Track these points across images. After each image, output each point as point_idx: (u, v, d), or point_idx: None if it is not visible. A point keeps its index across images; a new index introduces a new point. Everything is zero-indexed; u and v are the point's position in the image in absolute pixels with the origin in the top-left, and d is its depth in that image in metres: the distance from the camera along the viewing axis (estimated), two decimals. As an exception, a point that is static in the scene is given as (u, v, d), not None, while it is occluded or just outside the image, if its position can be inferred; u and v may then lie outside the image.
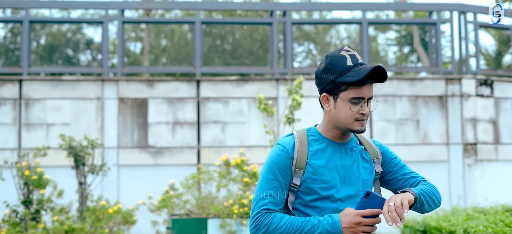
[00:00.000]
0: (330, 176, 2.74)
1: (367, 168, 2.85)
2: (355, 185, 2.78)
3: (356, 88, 2.68)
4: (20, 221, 9.24)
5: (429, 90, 12.98)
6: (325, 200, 2.73)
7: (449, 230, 7.33)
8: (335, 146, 2.79)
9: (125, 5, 13.45)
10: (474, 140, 12.86)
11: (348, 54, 2.72)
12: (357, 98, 2.69)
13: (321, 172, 2.73)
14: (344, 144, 2.81)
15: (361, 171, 2.81)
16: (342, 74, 2.69)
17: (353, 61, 2.70)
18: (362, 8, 13.44)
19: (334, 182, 2.74)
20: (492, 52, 24.82)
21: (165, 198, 9.77)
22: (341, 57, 2.71)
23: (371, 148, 2.90)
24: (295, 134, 2.80)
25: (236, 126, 12.56)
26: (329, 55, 2.75)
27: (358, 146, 2.87)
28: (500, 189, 12.57)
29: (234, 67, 16.39)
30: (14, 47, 18.47)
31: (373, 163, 2.88)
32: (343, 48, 2.75)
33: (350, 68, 2.68)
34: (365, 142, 2.91)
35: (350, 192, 2.77)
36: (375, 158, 2.89)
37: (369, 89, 2.71)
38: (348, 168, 2.78)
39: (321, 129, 2.82)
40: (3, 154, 11.13)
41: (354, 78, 2.64)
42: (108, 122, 12.35)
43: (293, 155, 2.74)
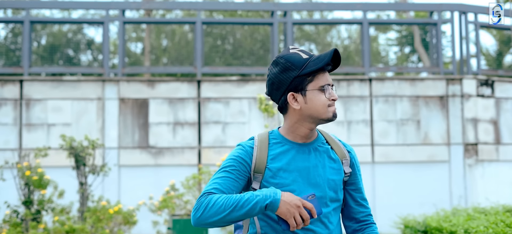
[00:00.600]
0: (291, 179, 2.69)
1: (335, 168, 2.78)
2: (321, 186, 2.72)
3: (320, 76, 2.70)
4: (21, 221, 9.24)
5: (430, 91, 12.97)
6: None
7: (450, 230, 7.32)
8: (297, 148, 2.74)
9: (126, 5, 13.45)
10: (475, 140, 12.85)
11: (297, 51, 2.73)
12: (325, 85, 2.70)
13: (281, 175, 2.68)
14: (307, 144, 2.76)
15: (327, 171, 2.75)
16: (304, 67, 2.68)
17: (306, 54, 2.72)
18: (363, 8, 13.44)
19: (295, 185, 2.68)
20: (493, 52, 24.81)
21: (166, 198, 9.78)
22: (294, 54, 2.72)
23: (339, 148, 2.84)
24: (256, 137, 2.77)
25: (236, 126, 12.56)
26: (282, 56, 2.74)
27: (324, 146, 2.81)
28: (501, 189, 12.56)
29: (235, 68, 16.38)
30: (15, 48, 18.48)
31: (342, 164, 2.81)
32: (289, 48, 2.76)
33: (307, 60, 2.69)
34: (332, 141, 2.86)
35: (317, 193, 2.70)
36: (343, 158, 2.83)
37: (328, 76, 2.74)
38: (312, 168, 2.72)
39: (284, 132, 2.77)
40: (4, 154, 11.14)
41: (319, 65, 2.66)
42: (109, 122, 12.36)
43: (252, 157, 2.70)
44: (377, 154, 12.70)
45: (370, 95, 12.85)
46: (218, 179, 2.65)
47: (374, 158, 12.68)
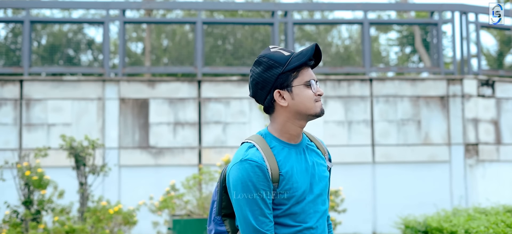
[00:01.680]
0: (301, 181, 2.68)
1: (323, 164, 2.82)
2: (320, 183, 2.75)
3: (305, 71, 2.69)
4: (21, 221, 9.23)
5: (430, 91, 12.96)
6: (299, 204, 2.67)
7: (450, 230, 7.31)
8: (294, 148, 2.73)
9: (126, 5, 13.44)
10: (476, 140, 12.84)
11: (278, 49, 2.72)
12: (309, 81, 2.68)
13: (292, 179, 2.66)
14: (300, 144, 2.76)
15: (321, 169, 2.79)
16: (288, 63, 2.66)
17: (287, 51, 2.70)
18: (363, 9, 13.43)
19: (304, 185, 2.69)
20: (493, 53, 24.79)
21: (166, 199, 9.77)
22: (275, 52, 2.70)
23: (320, 145, 2.88)
24: (257, 146, 2.66)
25: (237, 126, 12.55)
26: (264, 55, 2.71)
27: (310, 144, 2.83)
28: (502, 190, 12.55)
29: (236, 68, 16.37)
30: (15, 48, 18.47)
31: (325, 159, 2.86)
32: (270, 47, 2.74)
33: (289, 57, 2.67)
34: (314, 138, 2.88)
35: (318, 190, 2.73)
36: (324, 154, 2.87)
37: (312, 72, 2.73)
38: (311, 167, 2.74)
39: (276, 133, 2.72)
40: (4, 155, 11.13)
41: (303, 59, 2.65)
42: (109, 122, 12.35)
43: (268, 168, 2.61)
44: (378, 154, 12.68)
45: (370, 96, 12.84)
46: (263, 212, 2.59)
47: (374, 158, 12.66)
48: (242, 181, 2.58)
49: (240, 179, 2.59)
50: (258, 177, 2.58)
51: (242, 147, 2.69)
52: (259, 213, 2.58)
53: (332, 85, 12.70)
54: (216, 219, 2.78)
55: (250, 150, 2.64)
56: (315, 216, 2.70)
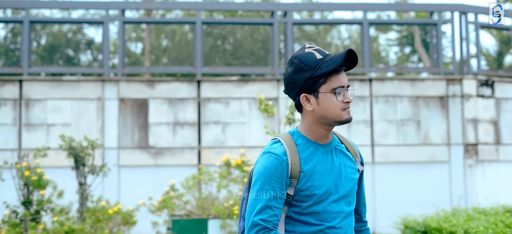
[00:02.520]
0: (323, 180, 2.69)
1: (353, 167, 2.82)
2: (347, 185, 2.75)
3: (334, 77, 2.65)
4: (20, 221, 9.22)
5: (430, 91, 12.96)
6: (322, 203, 2.69)
7: (450, 231, 7.31)
8: (322, 148, 2.74)
9: (126, 5, 13.44)
10: (475, 140, 12.84)
11: (313, 50, 2.69)
12: (339, 88, 2.65)
13: (315, 177, 2.68)
14: (328, 145, 2.77)
15: (349, 171, 2.79)
16: (317, 68, 2.65)
17: (321, 54, 2.67)
18: (363, 9, 13.43)
19: (328, 185, 2.70)
20: (493, 53, 24.79)
21: (165, 199, 9.76)
22: (308, 54, 2.68)
23: (351, 147, 2.87)
24: (282, 141, 2.71)
25: (236, 126, 12.55)
26: (296, 56, 2.70)
27: (340, 145, 2.83)
28: (501, 190, 12.55)
29: (235, 68, 16.37)
30: (14, 48, 18.47)
31: (356, 163, 2.85)
32: (305, 46, 2.72)
33: (321, 61, 2.65)
34: (345, 140, 2.88)
35: (344, 191, 2.74)
36: (356, 157, 2.86)
37: (345, 77, 2.68)
38: (337, 168, 2.74)
39: (304, 132, 2.75)
40: (3, 155, 11.12)
41: (332, 66, 2.62)
42: (109, 122, 12.34)
43: (288, 163, 2.66)
44: (377, 154, 12.68)
45: (370, 96, 12.84)
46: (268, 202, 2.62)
47: (374, 158, 12.66)
48: (261, 171, 2.65)
49: (259, 169, 2.66)
50: (276, 169, 2.64)
51: (270, 142, 2.77)
52: (265, 202, 2.62)
53: (332, 86, 12.68)
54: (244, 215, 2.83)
55: (275, 144, 2.71)
56: (339, 216, 2.71)
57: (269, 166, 2.64)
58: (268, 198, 2.62)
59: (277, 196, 2.63)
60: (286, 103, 9.90)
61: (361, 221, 3.00)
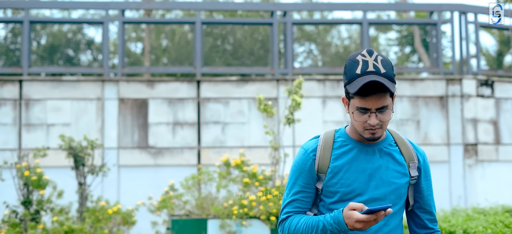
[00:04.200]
0: (352, 178, 2.69)
1: (399, 171, 2.75)
2: (383, 188, 2.70)
3: (360, 98, 2.60)
4: (20, 221, 9.23)
5: (429, 91, 12.96)
6: (346, 202, 2.67)
7: (449, 230, 7.32)
8: (361, 147, 2.73)
9: (126, 5, 13.44)
10: (475, 140, 12.84)
11: (362, 60, 2.62)
12: (362, 109, 2.61)
13: (343, 175, 2.68)
14: (372, 145, 2.74)
15: (390, 174, 2.73)
16: (350, 82, 2.62)
17: (362, 69, 2.60)
18: (363, 9, 13.43)
19: (356, 184, 2.68)
20: (493, 53, 24.80)
21: (165, 199, 9.76)
22: (355, 62, 2.63)
23: (407, 150, 2.80)
24: (321, 137, 2.78)
25: (236, 127, 12.55)
26: (348, 58, 2.68)
27: (391, 147, 2.78)
28: (501, 190, 12.55)
29: (235, 68, 16.37)
30: (14, 48, 18.47)
31: (408, 167, 2.78)
32: (362, 52, 2.65)
33: (356, 77, 2.60)
34: (402, 143, 2.82)
35: (376, 194, 2.69)
36: (410, 161, 2.79)
37: (376, 100, 2.59)
38: (375, 170, 2.71)
39: (349, 130, 2.77)
40: (3, 155, 11.13)
41: (353, 90, 2.58)
42: (108, 122, 12.35)
43: (315, 158, 2.72)
44: (377, 154, 12.67)
45: (369, 96, 12.83)
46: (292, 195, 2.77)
47: (373, 158, 12.65)
48: (292, 165, 2.81)
49: (292, 163, 2.82)
50: (302, 164, 2.76)
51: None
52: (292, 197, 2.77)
53: (331, 85, 12.70)
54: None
55: (313, 139, 2.82)
56: None
57: (297, 161, 2.79)
58: (294, 192, 2.76)
59: (301, 190, 2.75)
60: (286, 104, 9.90)
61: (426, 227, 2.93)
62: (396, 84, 2.65)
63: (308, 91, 12.07)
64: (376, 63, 2.61)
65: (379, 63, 2.60)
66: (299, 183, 2.74)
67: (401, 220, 2.82)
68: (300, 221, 2.69)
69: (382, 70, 2.60)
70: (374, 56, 2.62)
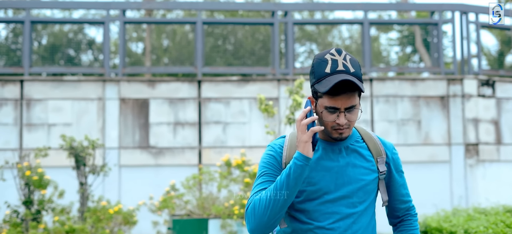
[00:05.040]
0: (318, 177, 2.67)
1: (367, 167, 2.74)
2: (350, 185, 2.69)
3: (329, 98, 2.58)
4: (21, 221, 9.24)
5: (430, 91, 12.96)
6: (313, 202, 2.67)
7: (450, 230, 7.32)
8: (327, 146, 2.71)
9: (127, 5, 13.44)
10: (476, 140, 12.84)
11: (331, 59, 2.60)
12: (331, 108, 2.59)
13: (309, 174, 2.66)
14: (338, 143, 2.72)
15: (358, 171, 2.71)
16: (319, 81, 2.60)
17: (332, 68, 2.58)
18: (364, 8, 13.43)
19: (322, 183, 2.66)
20: (494, 53, 24.78)
21: (166, 199, 9.77)
22: (324, 61, 2.61)
23: (375, 146, 2.79)
24: (287, 136, 2.75)
25: (237, 126, 12.55)
26: (316, 56, 2.66)
27: (358, 144, 2.77)
28: (502, 190, 12.55)
29: (236, 68, 16.37)
30: (15, 48, 18.48)
31: (376, 162, 2.77)
32: (330, 50, 2.64)
33: (326, 76, 2.58)
34: (368, 139, 2.80)
35: (343, 192, 2.68)
36: (378, 157, 2.78)
37: (346, 100, 2.59)
38: (342, 168, 2.69)
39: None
40: (4, 155, 11.14)
41: (322, 89, 2.55)
42: (109, 122, 12.35)
43: (282, 156, 2.70)
44: (378, 154, 12.67)
45: (371, 96, 12.84)
46: (258, 186, 2.67)
47: (374, 158, 12.65)
48: (261, 160, 2.76)
49: (259, 162, 2.76)
50: (269, 157, 2.71)
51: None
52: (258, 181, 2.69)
53: (332, 85, 12.69)
54: None
55: (279, 138, 2.79)
56: (332, 217, 2.67)
57: (264, 157, 2.73)
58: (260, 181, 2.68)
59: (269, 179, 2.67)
60: (287, 103, 9.90)
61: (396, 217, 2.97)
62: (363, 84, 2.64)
63: (308, 91, 12.07)
64: (345, 62, 2.60)
65: (348, 63, 2.60)
66: (267, 173, 2.68)
67: (373, 216, 2.80)
68: (262, 193, 2.60)
69: (351, 70, 2.59)
70: (343, 56, 2.61)
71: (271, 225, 2.58)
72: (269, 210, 2.55)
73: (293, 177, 2.53)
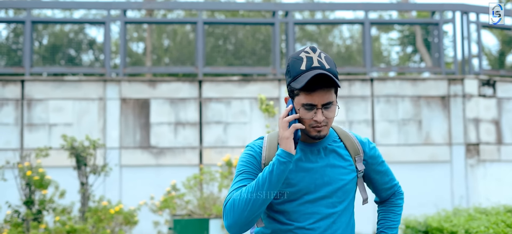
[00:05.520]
0: (298, 179, 2.67)
1: (346, 166, 2.75)
2: (329, 186, 2.69)
3: (306, 94, 2.58)
4: (22, 221, 9.24)
5: (431, 91, 12.96)
6: (293, 203, 2.67)
7: (451, 230, 7.32)
8: (305, 147, 2.72)
9: (128, 5, 13.44)
10: (477, 140, 12.84)
11: (305, 56, 2.61)
12: (308, 105, 2.59)
13: (288, 175, 2.66)
14: (316, 144, 2.73)
15: (337, 171, 2.72)
16: (295, 79, 2.61)
17: (307, 65, 2.59)
18: (364, 8, 13.43)
19: (302, 184, 2.67)
20: (495, 52, 24.78)
21: (167, 199, 9.78)
22: (299, 59, 2.62)
23: (352, 144, 2.80)
24: (265, 138, 2.75)
25: (238, 126, 12.56)
26: (290, 56, 2.67)
27: (335, 143, 2.77)
28: (503, 190, 12.55)
29: (236, 68, 16.38)
30: (16, 48, 18.49)
31: (354, 161, 2.78)
32: (305, 49, 2.65)
33: (301, 73, 2.59)
34: (345, 137, 2.81)
35: (323, 193, 2.68)
36: (356, 155, 2.79)
37: (322, 96, 2.59)
38: (321, 168, 2.70)
39: None
40: (5, 155, 11.15)
41: (298, 85, 2.56)
42: (110, 122, 12.36)
43: (261, 157, 2.69)
44: (379, 154, 12.67)
45: (371, 96, 12.85)
46: (237, 183, 2.65)
47: (375, 158, 12.65)
48: (239, 160, 2.73)
49: (239, 159, 2.73)
50: (248, 156, 2.70)
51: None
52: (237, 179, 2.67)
53: (333, 85, 12.69)
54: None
55: (257, 140, 2.78)
56: (312, 217, 2.67)
57: (243, 156, 2.72)
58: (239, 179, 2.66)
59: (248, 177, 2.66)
60: (288, 103, 9.90)
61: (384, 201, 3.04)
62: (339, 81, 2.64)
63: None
64: (320, 59, 2.61)
65: (323, 60, 2.61)
66: (247, 171, 2.67)
67: (352, 215, 2.81)
68: (243, 189, 2.58)
69: (326, 66, 2.60)
70: (317, 53, 2.63)
71: (249, 223, 2.57)
72: (250, 206, 2.53)
73: (276, 173, 2.53)
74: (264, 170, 2.55)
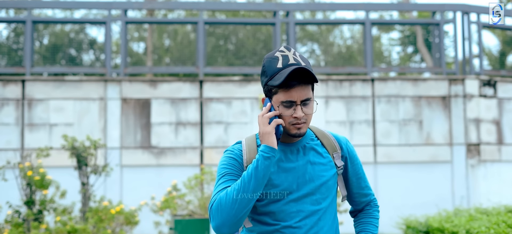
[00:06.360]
0: (280, 179, 2.69)
1: (325, 163, 2.77)
2: (312, 183, 2.71)
3: (284, 91, 2.61)
4: (23, 221, 9.24)
5: (432, 91, 12.96)
6: (277, 203, 2.68)
7: (452, 231, 7.31)
8: (285, 148, 2.73)
9: (128, 5, 13.44)
10: (477, 140, 12.83)
11: (281, 55, 2.64)
12: (287, 102, 2.62)
13: (270, 177, 2.67)
14: (295, 144, 2.75)
15: (317, 168, 2.74)
16: (272, 77, 2.63)
17: (283, 62, 2.62)
18: (365, 9, 13.43)
19: (285, 185, 2.69)
20: (495, 53, 24.77)
21: (167, 199, 9.77)
22: (274, 58, 2.65)
23: (329, 142, 2.82)
24: (243, 141, 2.76)
25: (239, 126, 12.56)
26: (266, 57, 2.70)
27: (313, 142, 2.80)
28: (504, 190, 12.54)
29: (237, 68, 16.38)
30: (17, 48, 18.49)
31: (333, 158, 2.80)
32: (279, 48, 2.68)
33: (278, 71, 2.61)
34: (322, 136, 2.83)
35: (306, 190, 2.70)
36: (334, 152, 2.81)
37: (300, 92, 2.62)
38: (301, 167, 2.71)
39: None
40: (6, 155, 11.15)
41: (276, 82, 2.58)
42: (111, 122, 12.36)
43: (242, 161, 2.70)
44: (379, 154, 12.68)
45: (372, 96, 12.84)
46: (221, 184, 2.65)
47: (376, 158, 12.66)
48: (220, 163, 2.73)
49: (218, 166, 2.73)
50: (229, 159, 2.71)
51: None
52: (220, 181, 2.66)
53: (334, 86, 12.70)
54: None
55: (235, 144, 2.78)
56: (298, 215, 2.69)
57: (224, 158, 2.72)
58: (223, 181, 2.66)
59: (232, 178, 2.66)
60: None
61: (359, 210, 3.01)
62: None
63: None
64: (296, 57, 2.65)
65: (298, 57, 2.65)
66: (229, 173, 2.67)
67: (335, 216, 2.83)
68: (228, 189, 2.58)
69: (302, 63, 2.63)
70: (292, 52, 2.66)
71: (237, 222, 2.57)
72: (237, 205, 2.54)
73: (261, 168, 2.55)
74: (248, 168, 2.57)
